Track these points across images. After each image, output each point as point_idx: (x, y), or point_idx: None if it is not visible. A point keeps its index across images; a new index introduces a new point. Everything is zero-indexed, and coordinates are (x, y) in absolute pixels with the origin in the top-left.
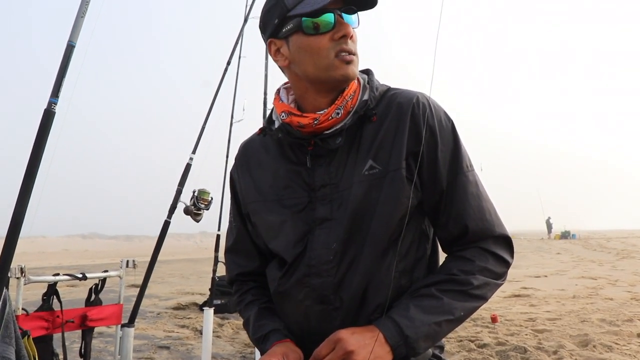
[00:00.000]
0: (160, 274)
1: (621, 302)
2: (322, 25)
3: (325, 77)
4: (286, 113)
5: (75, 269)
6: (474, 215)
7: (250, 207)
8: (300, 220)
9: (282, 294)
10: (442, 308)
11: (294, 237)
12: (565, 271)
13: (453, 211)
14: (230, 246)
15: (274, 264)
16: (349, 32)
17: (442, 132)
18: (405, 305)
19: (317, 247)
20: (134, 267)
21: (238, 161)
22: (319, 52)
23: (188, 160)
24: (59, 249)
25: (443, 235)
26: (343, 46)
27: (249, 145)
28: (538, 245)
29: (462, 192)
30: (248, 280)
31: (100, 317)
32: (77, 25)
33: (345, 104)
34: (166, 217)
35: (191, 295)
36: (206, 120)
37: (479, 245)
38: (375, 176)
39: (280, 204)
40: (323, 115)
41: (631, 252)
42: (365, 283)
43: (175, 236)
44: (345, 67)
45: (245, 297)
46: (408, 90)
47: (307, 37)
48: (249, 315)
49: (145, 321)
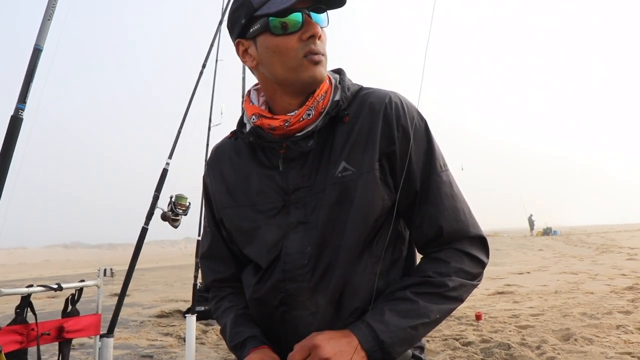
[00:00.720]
0: (143, 281)
1: (601, 296)
2: (290, 25)
3: (294, 78)
4: (256, 115)
5: (56, 280)
6: (449, 216)
7: (223, 213)
8: (275, 225)
9: (258, 300)
10: (417, 311)
11: (268, 243)
12: (548, 267)
13: (427, 212)
14: (205, 252)
15: (249, 270)
16: (317, 32)
17: (415, 132)
18: (380, 310)
19: (292, 252)
20: (111, 276)
21: (210, 166)
22: (286, 53)
23: (164, 165)
24: (40, 260)
25: (418, 236)
26: (311, 46)
27: (220, 150)
28: (521, 242)
29: (436, 193)
30: (224, 287)
31: (77, 329)
32: (43, 29)
33: (316, 105)
34: (143, 224)
35: (175, 303)
36: (182, 124)
37: (454, 246)
38: (349, 178)
39: (253, 209)
40: (294, 117)
41: (610, 246)
42: (341, 287)
43: (159, 243)
44: (314, 68)
45: (221, 303)
46: (380, 89)
47: (275, 37)
48: (225, 322)
49: (128, 330)
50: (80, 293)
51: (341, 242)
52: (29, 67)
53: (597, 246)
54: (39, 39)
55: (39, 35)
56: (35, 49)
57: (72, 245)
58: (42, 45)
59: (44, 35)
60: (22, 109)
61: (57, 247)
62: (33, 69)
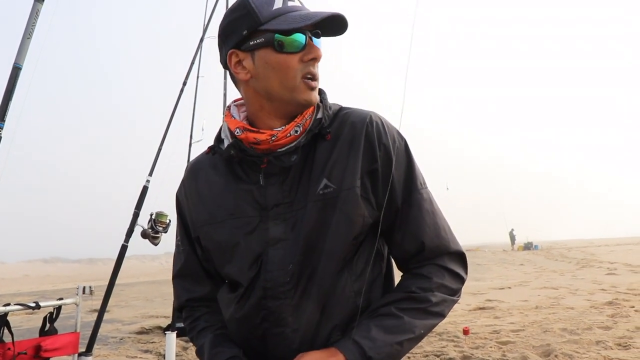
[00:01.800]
0: (123, 297)
1: (581, 311)
2: (294, 44)
3: (289, 97)
4: (241, 129)
5: (35, 295)
6: (430, 233)
7: (200, 231)
8: (253, 241)
9: (239, 320)
10: (402, 327)
11: (247, 260)
12: (528, 282)
13: (409, 229)
14: (178, 271)
15: (225, 289)
16: (318, 55)
17: (395, 150)
18: (366, 326)
19: (273, 269)
20: (90, 294)
21: (185, 182)
22: (287, 71)
23: (145, 182)
24: (19, 275)
25: (399, 253)
26: (311, 69)
27: (197, 166)
28: (502, 257)
29: (417, 210)
30: (200, 306)
31: (55, 347)
32: (23, 47)
33: (304, 122)
34: (123, 241)
35: (155, 319)
36: (162, 141)
37: (435, 262)
38: (329, 195)
39: (231, 224)
40: (281, 132)
41: (590, 261)
42: (321, 304)
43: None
44: (310, 92)
45: (197, 323)
46: (360, 109)
47: (277, 54)
48: (202, 342)
49: (107, 347)
50: (58, 311)
51: (321, 259)
52: (8, 85)
53: (577, 261)
54: (18, 57)
55: (19, 53)
56: (14, 66)
57: (51, 260)
58: (22, 63)
59: (23, 53)
60: (0, 127)
61: (36, 261)
62: (12, 87)
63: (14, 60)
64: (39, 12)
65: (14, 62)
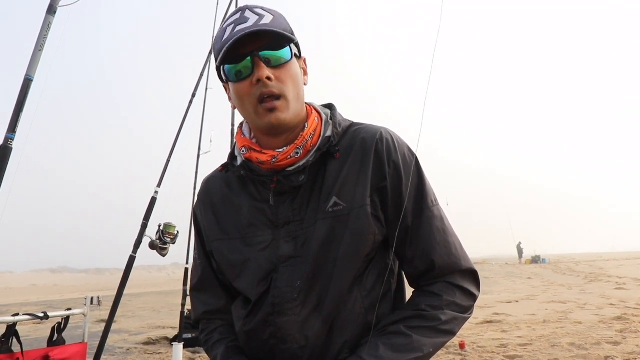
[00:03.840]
0: (130, 307)
1: (589, 326)
2: (242, 71)
3: (254, 124)
4: (246, 148)
5: (43, 305)
6: (441, 251)
7: (213, 245)
8: (265, 259)
9: (248, 333)
10: (411, 346)
11: (257, 276)
12: (536, 296)
13: (419, 246)
14: (196, 284)
15: (238, 302)
16: (262, 74)
17: (405, 167)
18: (374, 345)
19: (281, 286)
20: (98, 304)
21: (201, 198)
22: (244, 99)
23: (153, 193)
24: (27, 285)
25: (410, 270)
26: (262, 90)
27: (211, 181)
28: (509, 270)
29: (428, 227)
30: (215, 319)
31: (63, 358)
32: (34, 59)
33: (305, 144)
34: (131, 252)
35: (162, 330)
36: (171, 152)
37: (446, 279)
38: (340, 213)
39: (244, 242)
40: (281, 154)
41: (598, 275)
42: (330, 321)
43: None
44: (269, 115)
45: (212, 336)
46: (371, 125)
47: (234, 83)
48: (216, 354)
49: (114, 358)
50: (66, 322)
51: (332, 277)
52: (20, 96)
53: (585, 275)
54: (29, 69)
55: (30, 65)
56: (25, 78)
57: (59, 270)
58: (33, 75)
59: (34, 65)
60: (11, 138)
61: (44, 271)
62: (23, 99)
63: (25, 72)
64: (51, 25)
65: (25, 74)
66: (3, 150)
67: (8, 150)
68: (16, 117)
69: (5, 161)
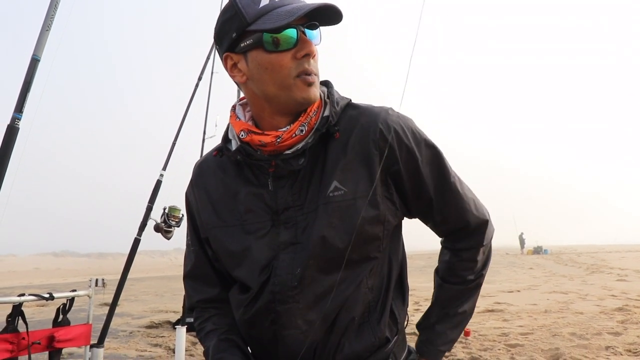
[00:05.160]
0: (133, 291)
1: (591, 316)
2: (285, 42)
3: (285, 97)
4: (245, 131)
5: (46, 288)
6: (471, 209)
7: (210, 233)
8: (265, 246)
9: (248, 321)
10: (465, 319)
11: (259, 264)
12: (538, 286)
13: (451, 212)
14: (189, 272)
15: (236, 290)
16: (312, 50)
17: (417, 145)
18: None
19: (282, 273)
20: (103, 286)
21: (194, 182)
22: (279, 71)
23: (158, 176)
24: (30, 268)
25: (441, 228)
26: (305, 66)
27: (204, 166)
28: (511, 260)
29: (455, 193)
30: (209, 307)
31: (68, 338)
32: (41, 39)
33: (309, 121)
34: (136, 235)
35: (165, 314)
36: (177, 136)
37: (479, 234)
38: (341, 198)
39: (242, 229)
40: (286, 133)
41: (600, 266)
42: (333, 305)
43: (149, 253)
44: (307, 89)
45: (205, 325)
46: (372, 106)
47: (268, 54)
48: (209, 345)
49: (117, 340)
50: (71, 303)
51: (334, 263)
52: (27, 76)
53: (587, 266)
54: (36, 49)
55: (37, 45)
56: (32, 58)
57: (62, 254)
58: (40, 55)
59: (41, 45)
60: (18, 118)
61: (47, 255)
62: (30, 79)
63: (32, 52)
64: (58, 4)
65: (32, 54)
66: (10, 129)
67: (15, 130)
68: (23, 97)
69: (12, 141)
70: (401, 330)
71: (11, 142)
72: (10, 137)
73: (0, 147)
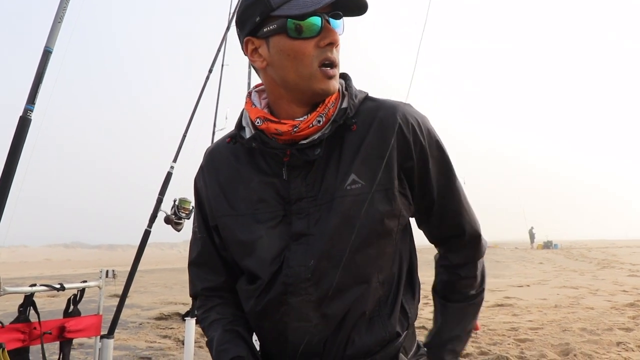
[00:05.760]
0: (143, 283)
1: (601, 312)
2: (309, 29)
3: (305, 86)
4: (261, 119)
5: (56, 279)
6: (468, 219)
7: (220, 221)
8: (276, 236)
9: (259, 313)
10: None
11: (270, 254)
12: (547, 281)
13: (448, 217)
14: (195, 259)
15: (244, 280)
16: (336, 39)
17: (430, 144)
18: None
19: (294, 265)
20: (113, 277)
21: (205, 169)
22: (302, 59)
23: (169, 169)
24: (41, 259)
25: (435, 232)
26: (328, 54)
27: (216, 152)
28: (521, 254)
29: (457, 199)
30: (213, 296)
31: (78, 329)
32: (54, 31)
33: (327, 112)
34: (146, 226)
35: (174, 305)
36: (187, 128)
37: (474, 244)
38: (358, 191)
39: (254, 218)
40: (303, 123)
41: (611, 262)
42: (346, 299)
43: (158, 245)
44: (327, 82)
45: (209, 314)
46: (390, 101)
47: (291, 40)
48: (213, 336)
49: (127, 332)
50: (82, 294)
51: (347, 256)
52: (39, 68)
53: (598, 261)
54: (49, 40)
55: (49, 37)
56: (45, 50)
57: (72, 245)
58: (52, 47)
59: (54, 37)
60: (30, 110)
61: (57, 246)
62: (42, 71)
63: (44, 44)
64: None
65: (44, 46)
66: (22, 121)
67: (27, 121)
68: (35, 88)
69: (24, 132)
70: (411, 324)
71: (23, 133)
72: (23, 129)
73: (13, 138)
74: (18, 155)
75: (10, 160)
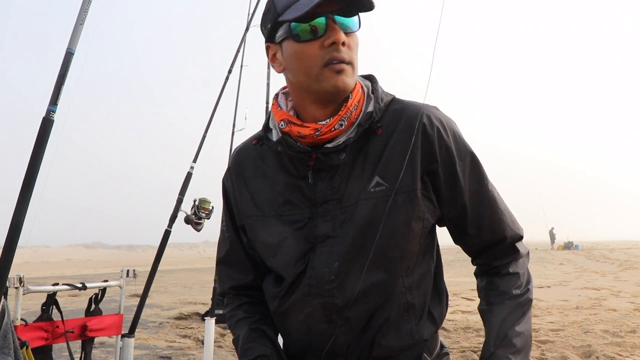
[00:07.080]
0: (163, 283)
1: (624, 313)
2: (312, 30)
3: (316, 87)
4: (285, 122)
5: (77, 279)
6: (508, 222)
7: (247, 221)
8: (302, 238)
9: (283, 314)
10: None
11: (294, 256)
12: (569, 282)
13: (486, 222)
14: (223, 257)
15: (270, 281)
16: (338, 38)
17: (457, 147)
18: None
19: (318, 267)
20: (134, 277)
21: (233, 170)
22: (308, 61)
23: (189, 169)
24: (62, 259)
25: (472, 242)
26: (333, 54)
27: (243, 153)
28: (541, 255)
29: (493, 203)
30: (241, 295)
31: (100, 327)
32: (76, 33)
33: (349, 115)
34: (167, 227)
35: (194, 305)
36: (207, 129)
37: (515, 249)
38: (382, 193)
39: (280, 220)
40: (325, 127)
41: (634, 263)
42: (371, 302)
43: (178, 246)
44: (336, 77)
45: (236, 312)
46: (415, 102)
47: (297, 43)
48: (239, 333)
49: (147, 331)
50: (103, 293)
51: (370, 258)
52: (61, 69)
53: (620, 262)
54: (71, 42)
55: (71, 38)
56: (67, 52)
57: (92, 245)
58: (74, 48)
59: (76, 39)
60: (53, 110)
61: (78, 246)
62: (65, 72)
63: (67, 46)
64: None
65: (67, 47)
66: (45, 122)
67: (50, 122)
68: (58, 89)
69: (47, 134)
70: (437, 329)
71: (46, 134)
72: (45, 130)
73: (36, 139)
74: (41, 156)
75: (33, 161)
